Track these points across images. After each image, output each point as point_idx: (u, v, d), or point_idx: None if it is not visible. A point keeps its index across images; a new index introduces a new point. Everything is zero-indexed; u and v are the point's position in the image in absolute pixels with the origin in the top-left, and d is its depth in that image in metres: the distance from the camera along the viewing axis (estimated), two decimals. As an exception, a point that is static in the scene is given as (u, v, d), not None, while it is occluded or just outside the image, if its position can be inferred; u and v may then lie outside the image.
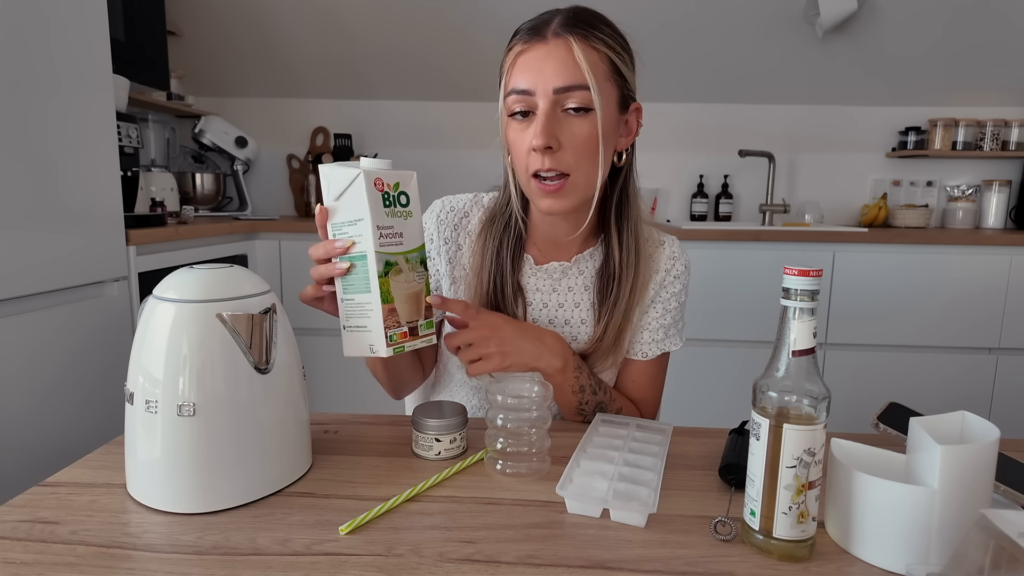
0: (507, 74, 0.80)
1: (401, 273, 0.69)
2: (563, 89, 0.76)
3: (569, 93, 0.77)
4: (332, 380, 2.33)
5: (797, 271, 0.53)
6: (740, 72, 2.57)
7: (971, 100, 2.61)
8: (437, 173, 2.76)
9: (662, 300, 0.93)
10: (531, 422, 0.70)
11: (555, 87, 0.76)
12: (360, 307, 0.69)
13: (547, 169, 0.78)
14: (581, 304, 0.92)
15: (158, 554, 0.54)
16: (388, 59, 2.61)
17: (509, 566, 0.53)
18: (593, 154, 0.79)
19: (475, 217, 0.95)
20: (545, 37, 0.77)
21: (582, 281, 0.92)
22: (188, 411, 0.59)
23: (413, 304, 0.71)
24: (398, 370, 0.93)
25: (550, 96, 0.77)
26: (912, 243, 2.14)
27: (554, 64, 0.76)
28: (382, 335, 0.68)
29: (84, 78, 1.47)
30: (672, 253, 0.93)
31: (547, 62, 0.76)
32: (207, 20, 2.52)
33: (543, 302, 0.92)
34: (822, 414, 0.54)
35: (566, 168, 0.79)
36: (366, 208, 0.66)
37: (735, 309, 2.18)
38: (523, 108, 0.79)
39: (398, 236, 0.69)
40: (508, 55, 0.81)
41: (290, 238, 2.28)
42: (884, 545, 0.53)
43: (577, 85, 0.76)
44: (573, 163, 0.79)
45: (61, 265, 1.42)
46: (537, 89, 0.77)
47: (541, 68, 0.77)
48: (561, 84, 0.76)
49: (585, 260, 0.92)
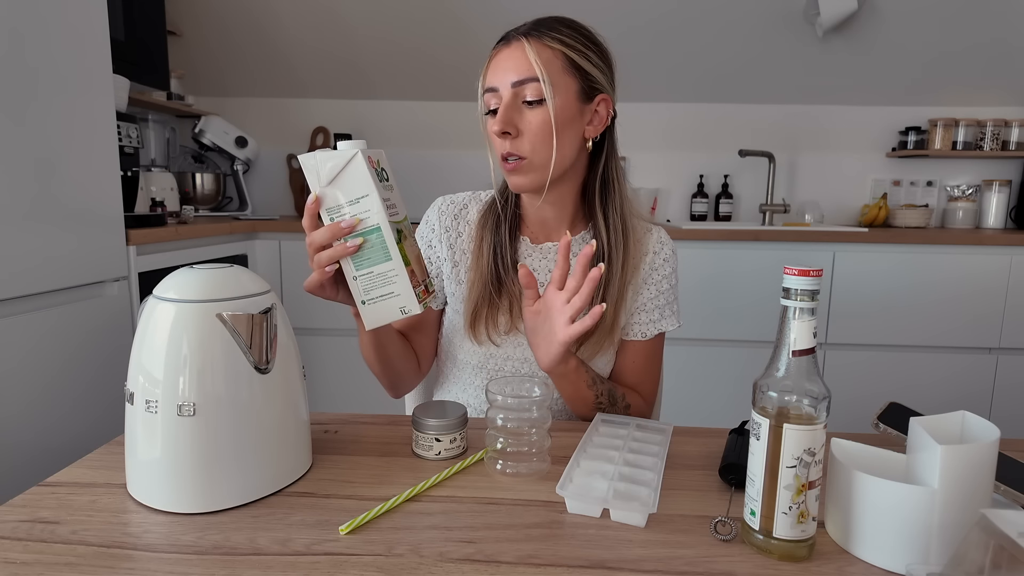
0: (482, 77, 0.90)
1: (407, 239, 0.75)
2: (518, 83, 0.86)
3: (524, 86, 0.86)
4: (332, 380, 2.33)
5: (797, 271, 0.53)
6: (740, 72, 2.57)
7: (971, 100, 2.61)
8: (437, 173, 2.76)
9: (654, 282, 0.98)
10: (531, 422, 0.70)
11: (512, 81, 0.87)
12: (383, 276, 0.72)
13: (508, 153, 0.88)
14: None
15: (158, 554, 0.54)
16: (388, 59, 2.61)
17: (509, 566, 0.53)
18: (548, 139, 0.87)
19: (474, 209, 1.01)
20: (508, 42, 0.88)
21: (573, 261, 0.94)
22: (188, 411, 0.59)
23: (420, 264, 0.77)
24: (393, 360, 0.95)
25: (509, 90, 0.87)
26: (912, 243, 2.14)
27: (512, 63, 0.87)
28: (412, 295, 0.72)
29: (84, 78, 1.47)
30: (660, 238, 1.00)
31: (507, 62, 0.87)
32: (207, 20, 2.52)
33: (540, 281, 0.96)
34: (822, 414, 0.54)
35: (524, 152, 0.88)
36: (371, 184, 0.70)
37: (735, 309, 2.18)
38: (494, 104, 0.88)
39: (394, 206, 0.74)
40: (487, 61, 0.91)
41: (290, 238, 2.28)
42: (884, 545, 0.53)
43: (528, 78, 0.86)
44: (529, 148, 0.88)
45: (61, 265, 1.42)
46: (500, 85, 0.87)
47: (503, 67, 0.87)
48: (516, 78, 0.86)
49: (577, 243, 0.98)
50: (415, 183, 2.79)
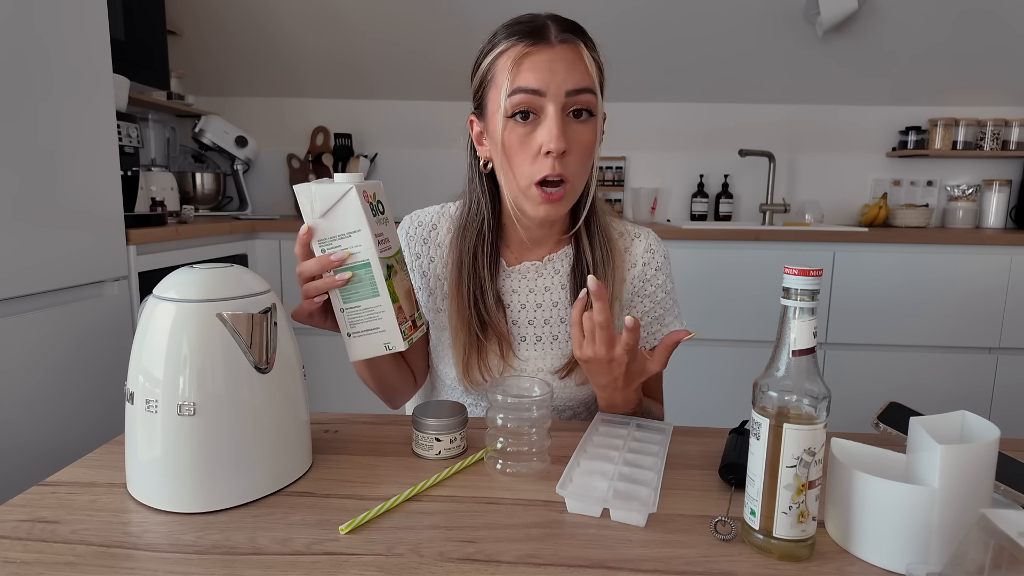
0: (508, 73, 0.78)
1: (397, 274, 0.74)
2: (574, 91, 0.77)
3: (578, 96, 0.77)
4: (332, 380, 2.33)
5: (797, 271, 0.53)
6: (740, 72, 2.57)
7: (971, 99, 2.61)
8: (436, 173, 2.76)
9: (648, 293, 0.93)
10: (531, 422, 0.70)
11: (567, 89, 0.76)
12: (369, 311, 0.73)
13: (556, 175, 0.78)
14: (559, 303, 0.92)
15: (158, 553, 0.54)
16: (388, 59, 2.61)
17: (509, 565, 0.53)
18: (590, 159, 0.81)
19: (443, 228, 0.94)
20: (550, 41, 0.77)
21: (558, 280, 0.92)
22: (188, 411, 0.59)
23: (410, 299, 0.77)
24: (385, 376, 0.92)
25: (561, 98, 0.76)
26: (912, 243, 2.14)
27: (565, 66, 0.76)
28: (397, 332, 0.73)
29: (84, 77, 1.47)
30: (649, 246, 0.94)
31: (558, 64, 0.76)
32: (207, 19, 2.52)
33: (520, 303, 0.92)
34: (822, 414, 0.54)
35: (569, 174, 0.79)
36: (363, 220, 0.70)
37: (735, 309, 2.18)
38: (527, 108, 0.78)
39: (387, 241, 0.74)
40: (503, 57, 0.79)
41: (290, 238, 2.28)
42: (884, 544, 0.53)
43: (587, 88, 0.77)
44: (574, 169, 0.79)
45: (61, 265, 1.42)
46: (548, 90, 0.76)
47: (553, 69, 0.76)
48: (572, 86, 0.76)
49: (560, 259, 0.92)
50: (415, 183, 2.79)
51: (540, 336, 0.91)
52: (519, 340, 0.91)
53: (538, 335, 0.91)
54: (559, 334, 0.92)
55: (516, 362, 0.91)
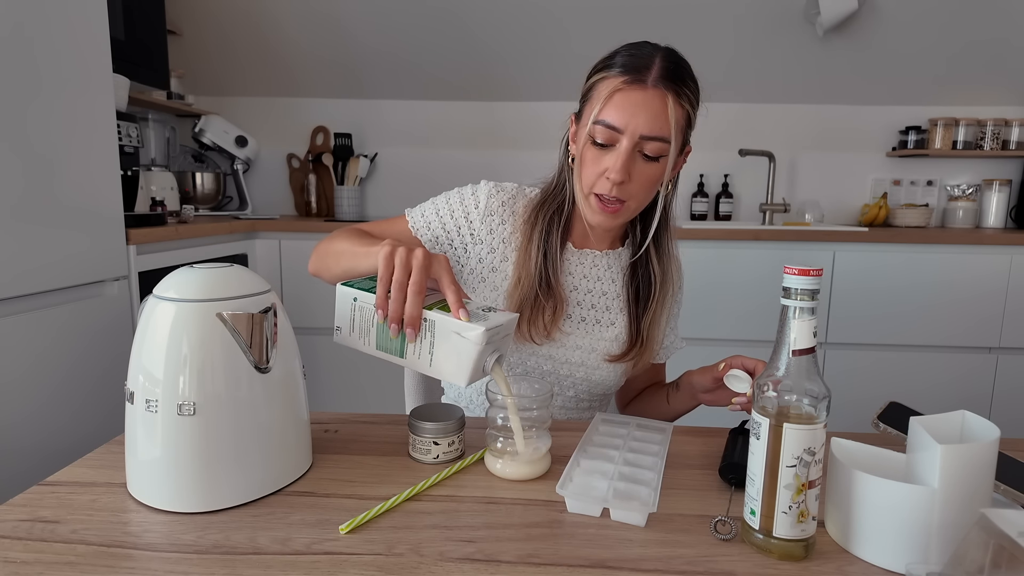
0: (600, 103, 0.85)
1: None
2: (648, 138, 0.84)
3: (650, 142, 0.84)
4: (332, 380, 2.33)
5: (797, 270, 0.53)
6: (740, 71, 2.57)
7: (971, 99, 2.60)
8: (436, 173, 2.76)
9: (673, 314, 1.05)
10: (531, 422, 0.70)
11: (643, 134, 0.83)
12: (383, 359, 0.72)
13: (612, 198, 0.87)
14: (608, 294, 0.99)
15: (158, 553, 0.54)
16: (388, 59, 2.61)
17: (509, 565, 0.53)
18: (652, 191, 0.90)
19: (520, 203, 0.99)
20: (645, 83, 0.83)
21: (610, 275, 0.99)
22: (188, 410, 0.59)
23: None
24: None
25: (635, 140, 0.84)
26: (912, 243, 2.13)
27: (647, 114, 0.83)
28: None
29: (84, 77, 1.47)
30: (680, 267, 1.04)
31: (642, 109, 0.83)
32: (207, 19, 2.52)
33: (574, 285, 0.97)
34: (822, 413, 0.54)
35: (626, 197, 0.87)
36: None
37: (735, 309, 2.18)
38: (603, 139, 0.85)
39: None
40: (603, 84, 0.85)
41: (290, 237, 2.28)
42: (884, 544, 0.53)
43: (661, 137, 0.84)
44: (633, 195, 0.88)
45: (61, 264, 1.42)
46: (627, 130, 0.83)
47: (635, 112, 0.83)
48: (648, 133, 0.83)
49: (618, 255, 1.00)
50: (415, 183, 2.79)
51: (584, 317, 0.97)
52: (566, 317, 0.97)
53: (583, 316, 0.97)
54: (602, 319, 0.98)
55: (559, 335, 0.96)
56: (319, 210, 2.75)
